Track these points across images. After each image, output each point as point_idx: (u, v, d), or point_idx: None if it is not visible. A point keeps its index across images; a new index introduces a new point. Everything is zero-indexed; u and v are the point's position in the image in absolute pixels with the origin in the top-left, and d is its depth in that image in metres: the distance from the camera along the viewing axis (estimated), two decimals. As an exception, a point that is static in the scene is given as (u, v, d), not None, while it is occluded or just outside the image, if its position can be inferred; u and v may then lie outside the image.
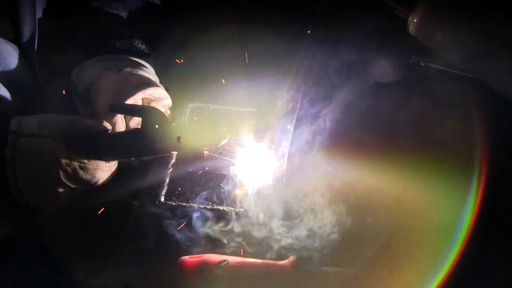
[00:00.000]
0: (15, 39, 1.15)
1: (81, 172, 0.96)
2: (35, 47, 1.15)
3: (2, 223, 1.02)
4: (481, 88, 1.20)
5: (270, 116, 1.22)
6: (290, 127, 1.21)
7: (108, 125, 1.01)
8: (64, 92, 1.16)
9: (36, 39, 1.14)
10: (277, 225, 1.06)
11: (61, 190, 0.97)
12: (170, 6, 1.36)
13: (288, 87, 1.29)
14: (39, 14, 1.16)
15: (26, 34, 1.14)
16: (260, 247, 1.04)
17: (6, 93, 1.07)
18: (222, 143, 0.98)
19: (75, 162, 0.95)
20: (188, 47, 1.27)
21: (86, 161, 0.96)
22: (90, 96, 1.08)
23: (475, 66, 1.19)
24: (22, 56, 1.15)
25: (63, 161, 0.94)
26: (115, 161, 1.03)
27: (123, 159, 1.05)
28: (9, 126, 0.96)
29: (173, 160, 1.16)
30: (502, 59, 1.12)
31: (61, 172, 0.95)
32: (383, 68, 1.36)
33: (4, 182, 0.94)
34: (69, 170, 0.95)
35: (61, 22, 1.22)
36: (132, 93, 1.06)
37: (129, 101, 1.05)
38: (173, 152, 1.13)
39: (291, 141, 1.18)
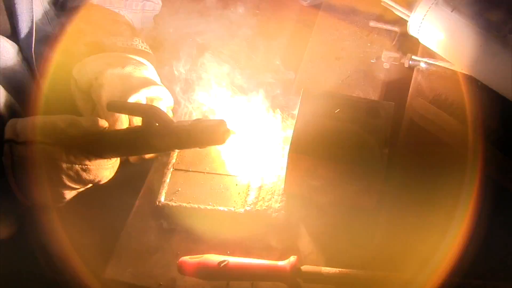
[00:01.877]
0: (13, 36, 1.13)
1: (83, 174, 0.95)
2: (33, 44, 1.13)
3: (6, 224, 1.01)
4: (482, 88, 1.20)
5: (272, 115, 1.22)
6: (291, 125, 1.21)
7: (105, 123, 0.98)
8: (62, 90, 1.15)
9: (34, 36, 1.12)
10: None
11: (65, 191, 0.97)
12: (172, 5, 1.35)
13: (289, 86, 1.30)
14: (37, 10, 1.14)
15: (24, 31, 1.12)
16: (260, 247, 1.05)
17: (3, 92, 1.05)
18: (227, 143, 0.97)
19: (76, 165, 0.94)
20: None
21: (87, 162, 0.95)
22: (92, 91, 1.07)
23: (476, 66, 1.19)
24: (20, 53, 1.13)
25: (64, 165, 0.93)
26: (116, 158, 1.02)
27: (124, 156, 1.04)
28: (4, 133, 0.93)
29: (173, 160, 1.15)
30: (503, 59, 1.13)
31: (63, 177, 0.94)
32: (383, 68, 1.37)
33: (7, 187, 0.93)
34: (71, 173, 0.94)
35: (60, 19, 1.21)
36: (137, 90, 1.05)
37: (133, 98, 1.05)
38: (174, 150, 1.13)
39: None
